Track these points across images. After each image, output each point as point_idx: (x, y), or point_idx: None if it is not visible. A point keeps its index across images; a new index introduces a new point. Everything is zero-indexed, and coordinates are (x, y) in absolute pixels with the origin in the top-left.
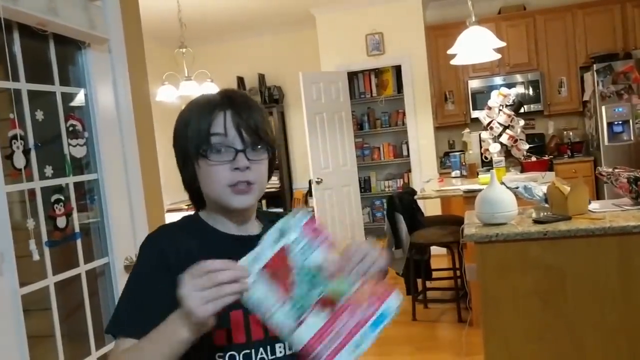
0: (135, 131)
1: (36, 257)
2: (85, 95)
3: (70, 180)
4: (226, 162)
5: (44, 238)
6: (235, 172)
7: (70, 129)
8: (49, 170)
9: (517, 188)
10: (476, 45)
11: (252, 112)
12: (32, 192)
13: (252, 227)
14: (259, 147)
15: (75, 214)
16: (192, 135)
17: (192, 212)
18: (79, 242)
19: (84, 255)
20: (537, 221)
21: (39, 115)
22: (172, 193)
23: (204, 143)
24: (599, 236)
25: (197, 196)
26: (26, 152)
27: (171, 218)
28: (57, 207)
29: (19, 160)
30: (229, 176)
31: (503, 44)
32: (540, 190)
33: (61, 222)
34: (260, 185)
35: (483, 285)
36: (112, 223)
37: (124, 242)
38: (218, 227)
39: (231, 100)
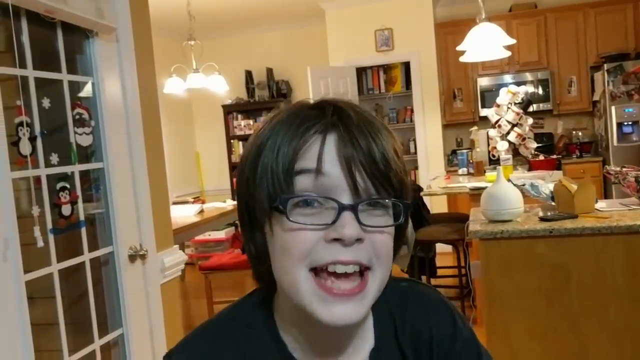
0: (142, 121)
1: (40, 243)
2: (92, 84)
3: (75, 168)
4: (319, 227)
5: (49, 225)
6: (332, 245)
7: (77, 117)
8: (54, 158)
9: (523, 185)
10: (486, 42)
11: (376, 137)
12: (37, 180)
13: (360, 346)
14: (386, 201)
15: (80, 202)
16: (264, 175)
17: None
18: (83, 230)
19: (88, 243)
20: (543, 219)
21: (46, 102)
22: (179, 186)
23: (282, 188)
24: (605, 235)
25: (269, 280)
26: (32, 139)
27: (177, 211)
28: (62, 195)
29: (25, 147)
30: (318, 249)
31: (513, 41)
32: (547, 188)
33: (66, 210)
34: (380, 271)
35: (487, 282)
36: (117, 212)
37: (129, 232)
38: (295, 348)
39: (339, 114)
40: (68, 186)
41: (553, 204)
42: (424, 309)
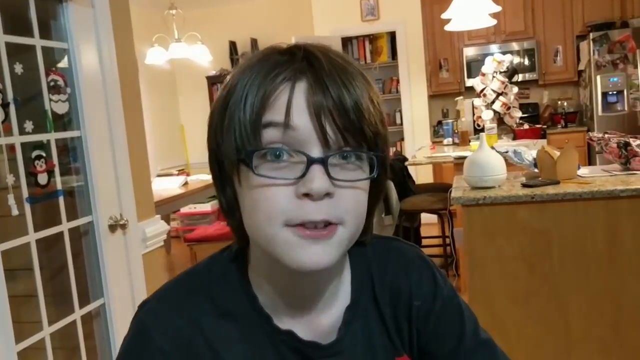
0: (120, 89)
1: (15, 212)
2: (67, 50)
3: (51, 136)
4: (288, 181)
5: (25, 194)
6: (302, 201)
7: (52, 84)
8: (29, 126)
9: (506, 152)
10: (471, 10)
11: (349, 84)
12: (11, 148)
13: (334, 301)
14: (358, 155)
15: (57, 171)
16: (231, 125)
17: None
18: (61, 199)
19: (67, 213)
20: (525, 185)
21: (18, 68)
22: (163, 159)
23: (249, 140)
24: (587, 200)
25: (242, 233)
26: (5, 106)
27: (161, 183)
28: (38, 164)
29: None
30: (290, 206)
31: (498, 8)
32: (530, 154)
33: (42, 178)
34: (351, 226)
35: (469, 248)
36: (96, 181)
37: (109, 201)
38: (267, 302)
39: (309, 59)
40: (44, 154)
41: (536, 170)
42: (404, 266)
